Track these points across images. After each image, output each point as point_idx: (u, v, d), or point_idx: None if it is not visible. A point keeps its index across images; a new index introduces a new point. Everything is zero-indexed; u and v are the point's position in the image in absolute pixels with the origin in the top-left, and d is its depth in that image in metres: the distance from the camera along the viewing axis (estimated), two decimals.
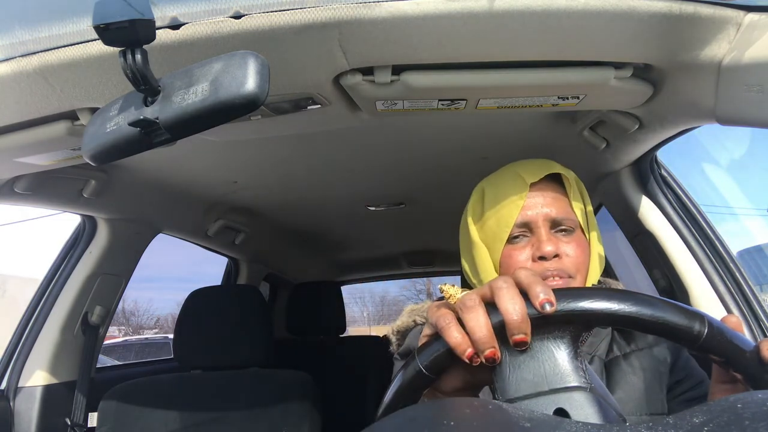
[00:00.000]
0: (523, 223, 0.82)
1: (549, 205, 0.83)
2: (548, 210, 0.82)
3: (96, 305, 1.63)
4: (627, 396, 0.81)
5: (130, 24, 0.50)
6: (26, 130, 0.88)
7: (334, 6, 0.62)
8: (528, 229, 0.83)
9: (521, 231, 0.83)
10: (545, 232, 0.81)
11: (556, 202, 0.83)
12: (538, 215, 0.82)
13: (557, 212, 0.82)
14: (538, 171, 0.84)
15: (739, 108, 0.74)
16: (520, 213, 0.82)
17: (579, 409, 0.47)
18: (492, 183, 0.89)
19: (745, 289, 1.12)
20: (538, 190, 0.84)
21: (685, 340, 0.48)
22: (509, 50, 0.72)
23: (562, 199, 0.85)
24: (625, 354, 0.85)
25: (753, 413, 0.36)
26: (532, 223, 0.82)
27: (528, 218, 0.82)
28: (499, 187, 0.87)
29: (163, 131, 0.55)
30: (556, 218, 0.82)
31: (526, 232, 0.83)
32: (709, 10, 0.64)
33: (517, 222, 0.82)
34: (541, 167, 0.85)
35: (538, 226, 0.82)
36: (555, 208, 0.83)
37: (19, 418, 1.46)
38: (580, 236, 0.84)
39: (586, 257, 0.83)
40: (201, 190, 1.72)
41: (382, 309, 19.70)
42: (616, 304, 0.48)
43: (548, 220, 0.82)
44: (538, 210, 0.82)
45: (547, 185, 0.85)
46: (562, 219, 0.82)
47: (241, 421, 1.48)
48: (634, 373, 0.83)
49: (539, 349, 0.50)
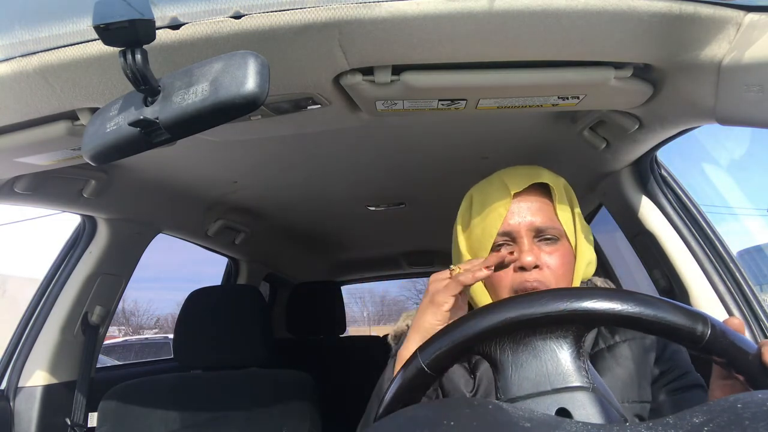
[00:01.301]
0: (506, 233, 0.83)
1: (532, 214, 0.83)
2: (531, 219, 0.83)
3: (96, 305, 1.62)
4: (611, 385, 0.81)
5: (130, 24, 0.50)
6: (26, 130, 0.88)
7: (334, 6, 0.62)
8: (511, 238, 0.83)
9: (504, 240, 0.83)
10: (527, 242, 0.82)
11: (540, 211, 0.83)
12: (521, 225, 0.82)
13: (540, 221, 0.82)
14: (522, 180, 0.85)
15: (739, 108, 0.74)
16: (503, 222, 0.83)
17: (581, 409, 0.48)
18: (479, 190, 0.90)
19: (745, 289, 1.12)
20: (523, 200, 0.84)
21: (688, 341, 0.48)
22: (509, 50, 0.72)
23: (547, 206, 0.85)
24: (609, 346, 0.85)
25: (753, 413, 0.36)
26: (514, 232, 0.83)
27: (510, 228, 0.83)
28: (485, 195, 0.87)
29: (163, 131, 0.55)
30: (539, 227, 0.82)
31: (509, 241, 0.83)
32: (709, 10, 0.64)
33: (500, 231, 0.83)
34: (527, 176, 0.86)
35: (520, 236, 0.82)
36: (539, 216, 0.83)
37: (19, 418, 1.46)
38: (565, 245, 0.84)
39: (569, 267, 0.83)
40: (201, 190, 1.72)
41: (382, 309, 19.68)
42: (619, 305, 0.48)
43: (531, 230, 0.82)
44: (520, 219, 0.83)
45: (532, 194, 0.85)
46: (546, 228, 0.82)
47: (241, 421, 1.48)
48: (618, 364, 0.83)
49: (542, 349, 0.50)
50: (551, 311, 0.49)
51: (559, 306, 0.49)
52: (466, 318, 0.54)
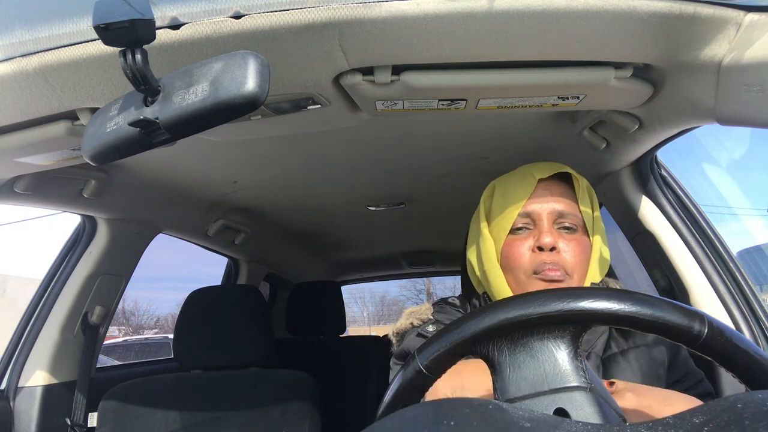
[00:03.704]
0: (527, 214, 0.84)
1: (555, 200, 0.84)
2: (553, 205, 0.84)
3: (96, 305, 1.62)
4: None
5: (130, 24, 0.50)
6: (26, 130, 0.88)
7: (334, 6, 0.62)
8: (531, 220, 0.84)
9: (525, 222, 0.84)
10: (548, 224, 0.83)
11: (563, 199, 0.85)
12: (543, 208, 0.84)
13: (562, 207, 0.84)
14: (548, 169, 0.87)
15: (739, 108, 0.74)
16: (525, 204, 0.84)
17: (579, 409, 0.47)
18: (503, 180, 0.92)
19: (745, 289, 1.12)
20: (546, 186, 0.86)
21: (685, 339, 0.48)
22: (509, 50, 0.72)
23: (570, 197, 0.86)
24: (622, 351, 0.85)
25: (753, 413, 0.36)
26: (535, 214, 0.84)
27: (532, 209, 0.84)
28: (508, 183, 0.90)
29: (163, 131, 0.55)
30: (561, 212, 0.83)
31: (530, 224, 0.84)
32: (709, 10, 0.64)
33: (521, 212, 0.84)
34: (553, 166, 0.88)
35: (541, 219, 0.83)
36: (560, 203, 0.84)
37: (19, 418, 1.46)
38: (583, 237, 0.85)
39: (585, 258, 0.84)
40: (201, 190, 1.72)
41: (382, 309, 19.70)
42: (616, 304, 0.48)
43: (552, 215, 0.84)
44: (542, 203, 0.84)
45: (556, 183, 0.87)
46: (566, 214, 0.84)
47: (241, 421, 1.48)
48: (631, 371, 0.83)
49: (539, 349, 0.50)
50: (548, 311, 0.49)
51: (555, 306, 0.49)
52: (463, 319, 0.54)
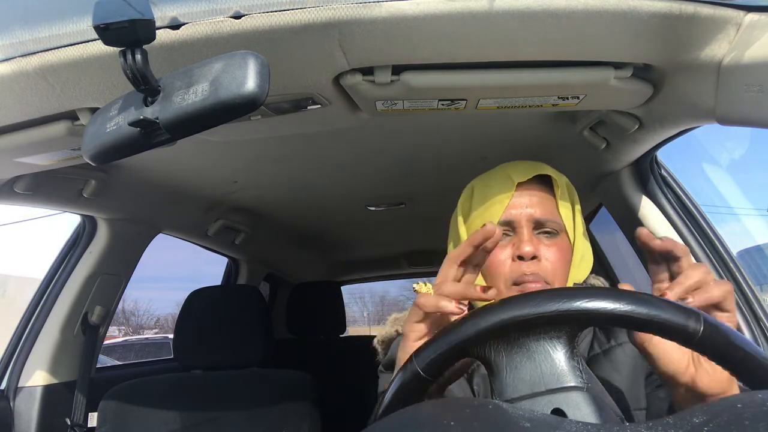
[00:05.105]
0: (507, 222, 0.83)
1: (534, 205, 0.83)
2: (532, 210, 0.82)
3: (96, 305, 1.63)
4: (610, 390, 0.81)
5: (130, 24, 0.50)
6: (26, 130, 0.88)
7: (334, 6, 0.62)
8: (511, 228, 0.83)
9: (505, 229, 0.83)
10: (527, 232, 0.82)
11: (542, 204, 0.83)
12: (522, 215, 0.82)
13: (541, 213, 0.82)
14: (527, 171, 0.85)
15: (739, 108, 0.74)
16: (505, 211, 0.83)
17: (576, 409, 0.48)
18: (481, 182, 0.90)
19: (745, 289, 1.12)
20: (525, 191, 0.84)
21: (681, 338, 0.48)
22: (509, 50, 0.72)
23: (549, 200, 0.85)
24: (605, 350, 0.85)
25: (753, 413, 0.36)
26: (515, 222, 0.82)
27: (512, 217, 0.82)
28: (487, 185, 0.88)
29: (163, 131, 0.55)
30: (540, 219, 0.82)
31: (509, 231, 0.83)
32: (709, 10, 0.64)
33: (501, 220, 0.83)
34: (531, 168, 0.86)
35: (520, 226, 0.82)
36: (540, 209, 0.83)
37: (19, 418, 1.46)
38: (564, 240, 0.84)
39: (567, 262, 0.83)
40: (201, 190, 1.72)
41: (382, 309, 19.68)
42: (611, 303, 0.48)
43: (531, 221, 0.82)
44: (522, 210, 0.83)
45: (535, 186, 0.85)
46: (546, 220, 0.82)
47: (241, 421, 1.48)
48: (615, 369, 0.83)
49: (536, 350, 0.50)
50: (544, 312, 0.49)
51: (551, 306, 0.49)
52: (460, 321, 0.54)
